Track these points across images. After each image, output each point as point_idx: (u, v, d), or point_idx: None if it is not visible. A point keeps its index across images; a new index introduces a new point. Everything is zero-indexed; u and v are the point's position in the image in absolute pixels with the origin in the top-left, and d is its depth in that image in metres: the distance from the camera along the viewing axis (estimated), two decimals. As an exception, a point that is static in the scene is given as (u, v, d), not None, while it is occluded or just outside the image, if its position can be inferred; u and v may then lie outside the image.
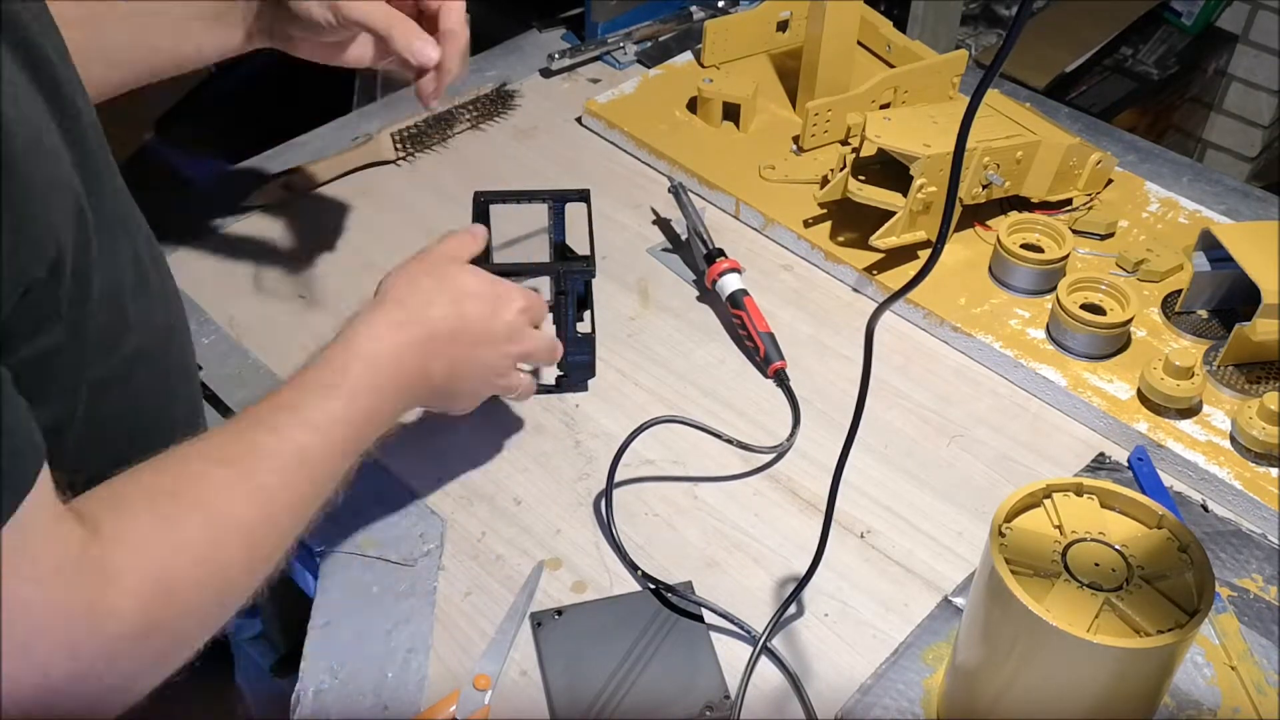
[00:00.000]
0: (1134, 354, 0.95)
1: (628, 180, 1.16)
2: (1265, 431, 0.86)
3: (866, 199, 1.00)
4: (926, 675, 0.74)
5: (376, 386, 0.71)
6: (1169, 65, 2.15)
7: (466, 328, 0.77)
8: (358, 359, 0.71)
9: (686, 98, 1.23)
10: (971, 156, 1.01)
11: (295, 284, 1.03)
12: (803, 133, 1.16)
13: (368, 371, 0.71)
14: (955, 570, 0.81)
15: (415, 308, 0.75)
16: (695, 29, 1.34)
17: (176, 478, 0.61)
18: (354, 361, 0.71)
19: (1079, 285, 0.96)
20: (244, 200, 1.10)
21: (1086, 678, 0.60)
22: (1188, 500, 0.86)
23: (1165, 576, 0.63)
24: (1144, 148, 1.21)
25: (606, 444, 0.88)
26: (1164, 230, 1.08)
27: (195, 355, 0.81)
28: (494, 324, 0.78)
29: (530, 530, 0.83)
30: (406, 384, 0.74)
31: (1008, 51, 0.50)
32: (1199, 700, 0.73)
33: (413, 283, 0.77)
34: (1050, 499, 0.67)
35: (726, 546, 0.83)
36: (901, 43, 1.24)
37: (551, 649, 0.76)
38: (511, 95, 1.25)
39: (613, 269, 1.06)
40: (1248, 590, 0.80)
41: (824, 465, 0.88)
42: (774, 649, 0.76)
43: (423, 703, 0.73)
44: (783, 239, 1.08)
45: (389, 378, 0.72)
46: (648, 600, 0.78)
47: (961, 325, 0.98)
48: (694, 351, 0.98)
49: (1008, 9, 1.99)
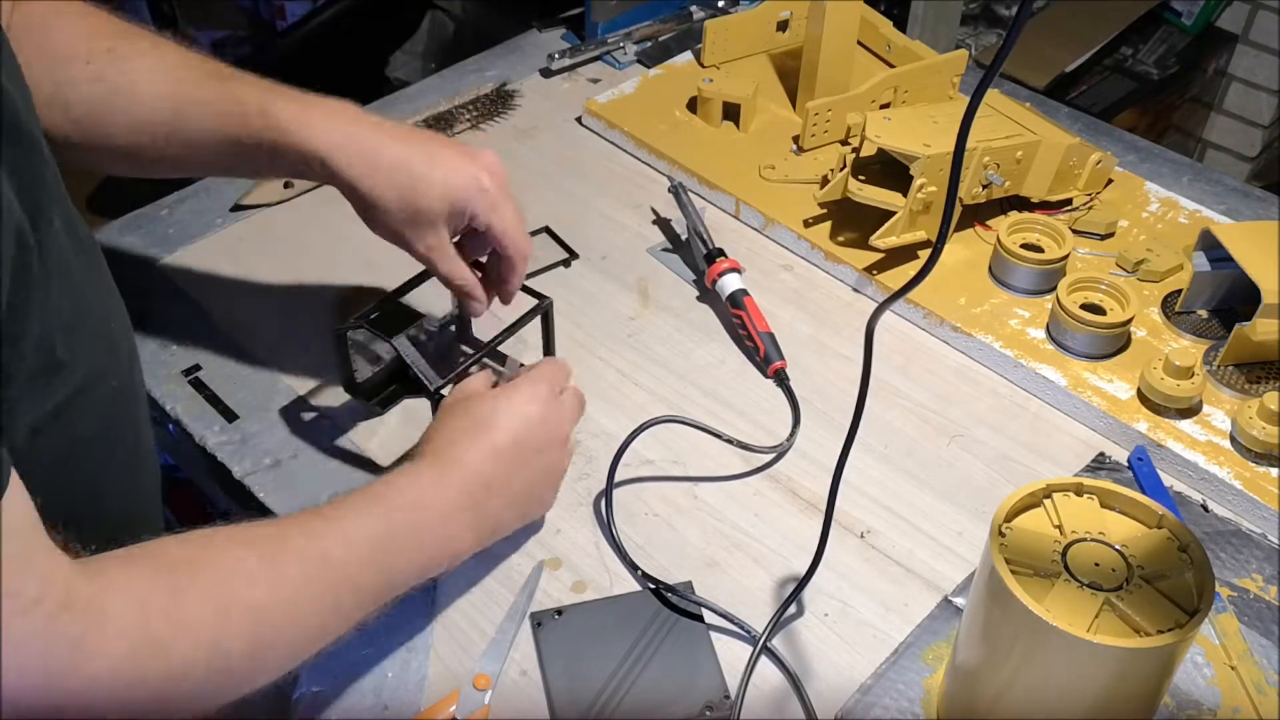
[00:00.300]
0: (1134, 354, 0.95)
1: (628, 180, 1.16)
2: (1265, 431, 0.86)
3: (866, 199, 1.00)
4: (926, 675, 0.74)
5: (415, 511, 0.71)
6: (1169, 65, 2.15)
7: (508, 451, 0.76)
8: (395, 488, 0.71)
9: (686, 98, 1.23)
10: (971, 156, 1.01)
11: (295, 284, 1.03)
12: (803, 133, 1.16)
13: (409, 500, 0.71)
14: (955, 570, 0.81)
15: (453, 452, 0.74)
16: (695, 29, 1.34)
17: (196, 548, 0.60)
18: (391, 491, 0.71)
19: (1079, 285, 0.96)
20: (244, 200, 1.10)
21: (1086, 678, 0.60)
22: (1188, 500, 0.86)
23: (1165, 576, 0.63)
24: (1144, 148, 1.21)
25: (606, 444, 0.88)
26: (1164, 230, 1.08)
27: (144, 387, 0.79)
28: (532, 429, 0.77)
29: (530, 530, 0.83)
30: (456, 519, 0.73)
31: (1008, 51, 0.50)
32: (1199, 700, 0.73)
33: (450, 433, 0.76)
34: (1050, 499, 0.67)
35: (726, 546, 0.83)
36: (901, 43, 1.24)
37: (551, 649, 0.76)
38: (511, 95, 1.25)
39: (613, 269, 1.06)
40: (1248, 590, 0.80)
41: (824, 465, 0.88)
42: (774, 649, 0.76)
43: (423, 703, 0.73)
44: (783, 239, 1.08)
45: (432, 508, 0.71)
46: (648, 600, 0.78)
47: (961, 325, 0.98)
48: (694, 351, 0.98)
49: (1008, 9, 1.99)
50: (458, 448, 0.75)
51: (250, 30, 2.53)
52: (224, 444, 0.89)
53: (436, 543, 0.72)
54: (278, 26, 2.32)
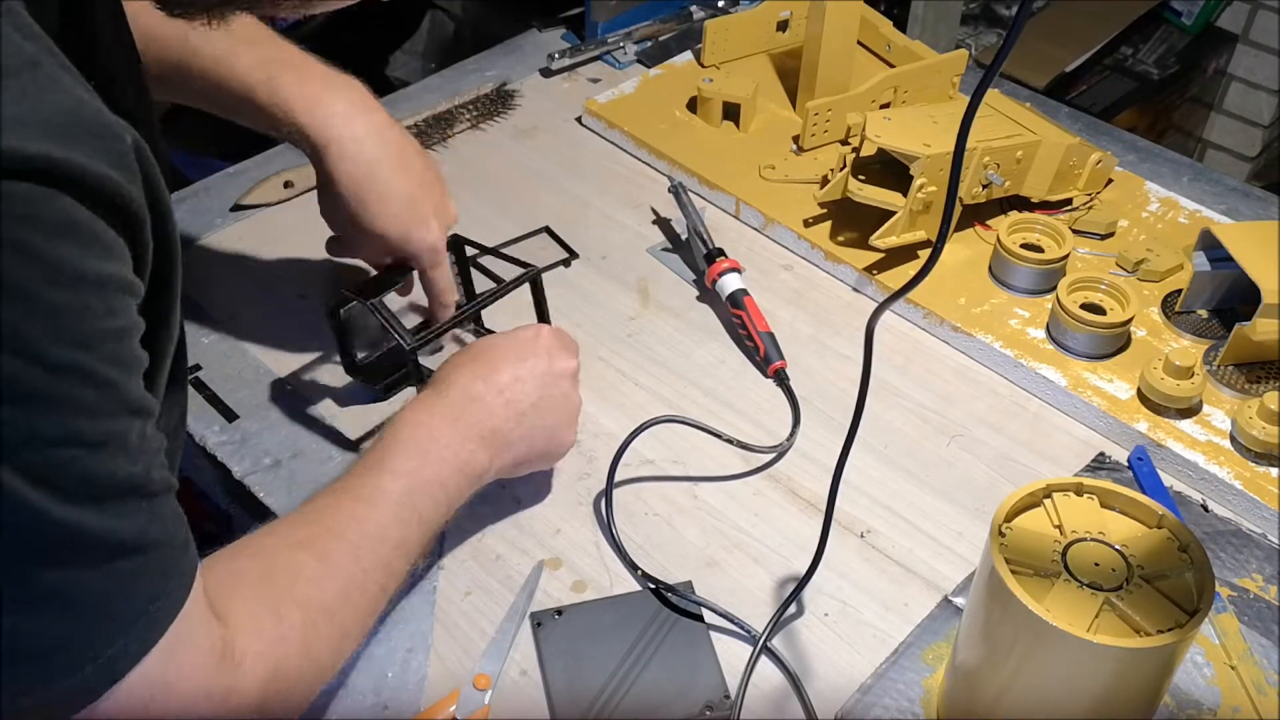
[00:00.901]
0: (1134, 354, 0.95)
1: (628, 180, 1.16)
2: (1265, 431, 0.86)
3: (866, 199, 1.00)
4: (926, 675, 0.74)
5: (422, 450, 0.73)
6: (1169, 65, 2.15)
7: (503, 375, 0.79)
8: (394, 437, 0.74)
9: (686, 97, 1.23)
10: (971, 156, 1.01)
11: (295, 284, 1.03)
12: (803, 132, 1.16)
13: (411, 441, 0.74)
14: (955, 570, 0.81)
15: (443, 383, 0.78)
16: (695, 29, 1.34)
17: (270, 565, 0.64)
18: (392, 442, 0.74)
19: (1079, 285, 0.96)
20: (244, 200, 1.10)
21: (1086, 677, 0.60)
22: (1188, 500, 0.86)
23: (1165, 576, 0.63)
24: (1144, 147, 1.21)
25: (606, 444, 0.88)
26: (1164, 230, 1.08)
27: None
28: (528, 361, 0.80)
29: (530, 530, 0.83)
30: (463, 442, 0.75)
31: (1008, 51, 0.50)
32: (1199, 700, 0.73)
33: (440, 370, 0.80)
34: (1050, 499, 0.67)
35: (726, 546, 0.83)
36: (901, 42, 1.24)
37: (551, 649, 0.76)
38: (511, 95, 1.25)
39: (613, 269, 1.06)
40: (1248, 590, 0.80)
41: (824, 465, 0.88)
42: (774, 649, 0.76)
43: (423, 702, 0.73)
44: (783, 239, 1.08)
45: (436, 439, 0.74)
46: (648, 600, 0.78)
47: (961, 325, 0.98)
48: (694, 351, 0.98)
49: (1008, 9, 1.99)
50: (451, 377, 0.78)
51: (250, 30, 2.53)
52: (224, 444, 0.89)
53: (455, 471, 0.75)
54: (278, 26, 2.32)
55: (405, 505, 0.71)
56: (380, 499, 0.70)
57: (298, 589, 0.63)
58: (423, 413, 0.76)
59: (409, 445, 0.73)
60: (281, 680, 0.60)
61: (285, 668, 0.60)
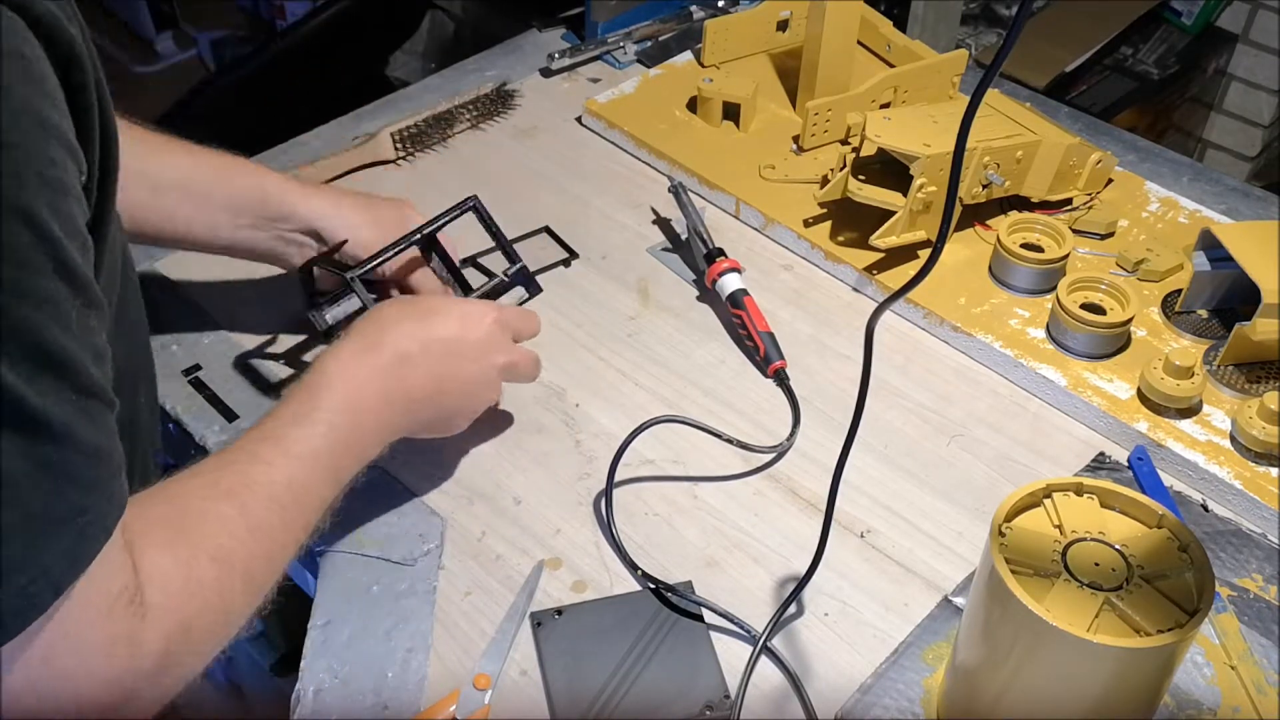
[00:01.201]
0: (1134, 354, 0.95)
1: (628, 180, 1.16)
2: (1265, 431, 0.86)
3: (866, 199, 1.00)
4: (926, 675, 0.74)
5: (353, 410, 0.72)
6: (1169, 65, 2.14)
7: (437, 342, 0.78)
8: (328, 388, 0.72)
9: (686, 97, 1.23)
10: (971, 156, 1.01)
11: (295, 284, 1.02)
12: (803, 132, 1.16)
13: (343, 398, 0.72)
14: (955, 570, 0.81)
15: (378, 334, 0.76)
16: (695, 29, 1.34)
17: (186, 512, 0.62)
18: (324, 391, 0.72)
19: (1079, 285, 0.96)
20: (244, 200, 1.10)
21: (1086, 677, 0.60)
22: (1188, 500, 0.86)
23: (1165, 576, 0.63)
24: (1144, 147, 1.21)
25: (606, 444, 0.88)
26: (1164, 230, 1.08)
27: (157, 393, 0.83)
28: (466, 337, 0.79)
29: (530, 530, 0.83)
30: (387, 406, 0.75)
31: (1008, 51, 0.50)
32: (1199, 700, 0.73)
33: (378, 315, 0.79)
34: (1050, 499, 0.67)
35: (726, 546, 0.83)
36: (901, 42, 1.24)
37: (551, 649, 0.76)
38: (511, 95, 1.25)
39: (613, 269, 1.06)
40: (1248, 590, 0.80)
41: (824, 465, 0.88)
42: (774, 649, 0.76)
43: (423, 702, 0.73)
44: (783, 239, 1.08)
45: (365, 401, 0.73)
46: (648, 600, 0.78)
47: (961, 325, 0.98)
48: (694, 351, 0.98)
49: (1008, 9, 1.99)
50: (388, 333, 0.77)
51: (250, 30, 2.54)
52: (224, 444, 0.88)
53: (375, 435, 0.75)
54: (278, 26, 2.32)
55: (331, 466, 0.71)
56: (310, 457, 0.69)
57: (216, 542, 0.61)
58: (353, 365, 0.74)
59: (340, 402, 0.72)
60: (188, 635, 0.58)
61: (194, 622, 0.58)
